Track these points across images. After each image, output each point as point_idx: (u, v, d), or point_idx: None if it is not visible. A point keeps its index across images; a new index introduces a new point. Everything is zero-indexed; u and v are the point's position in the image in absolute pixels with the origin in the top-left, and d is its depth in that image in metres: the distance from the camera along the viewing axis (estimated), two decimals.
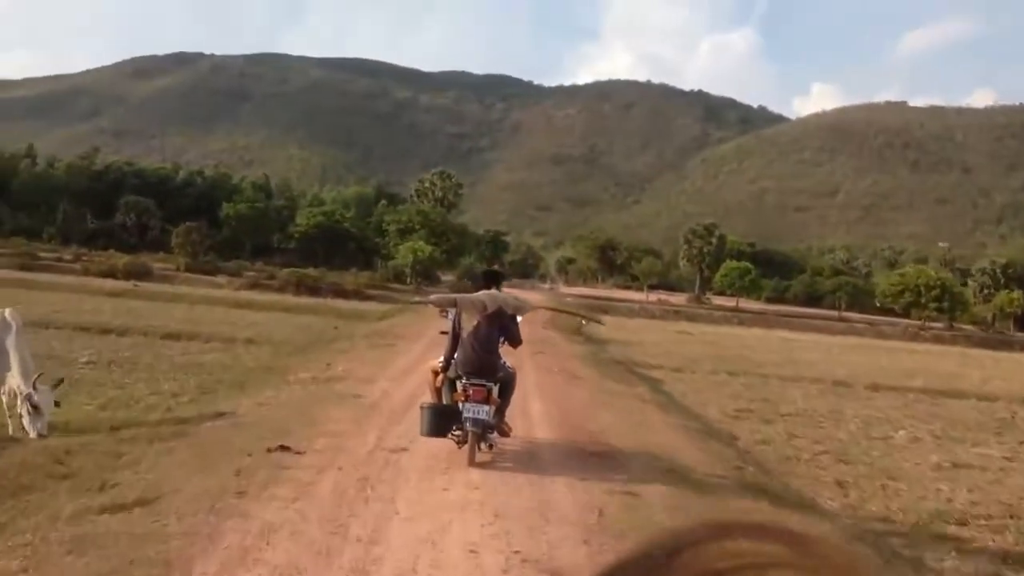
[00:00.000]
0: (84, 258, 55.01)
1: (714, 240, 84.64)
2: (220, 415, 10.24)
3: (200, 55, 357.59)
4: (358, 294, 45.22)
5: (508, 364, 8.80)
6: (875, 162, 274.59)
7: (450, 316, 8.89)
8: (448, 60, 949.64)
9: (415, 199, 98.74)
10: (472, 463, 8.05)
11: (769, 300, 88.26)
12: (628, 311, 54.48)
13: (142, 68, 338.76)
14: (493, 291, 8.81)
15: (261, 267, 66.77)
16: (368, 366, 15.73)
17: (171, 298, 33.06)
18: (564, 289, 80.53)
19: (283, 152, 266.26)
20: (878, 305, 78.13)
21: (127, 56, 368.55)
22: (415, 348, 19.11)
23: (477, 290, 9.11)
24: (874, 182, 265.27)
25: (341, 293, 44.48)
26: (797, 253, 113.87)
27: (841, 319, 70.32)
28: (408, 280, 61.45)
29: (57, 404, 9.52)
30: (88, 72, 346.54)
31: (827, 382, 23.06)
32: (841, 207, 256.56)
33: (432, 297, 10.40)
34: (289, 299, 38.37)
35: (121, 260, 48.33)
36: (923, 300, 70.01)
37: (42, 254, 55.03)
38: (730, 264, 77.87)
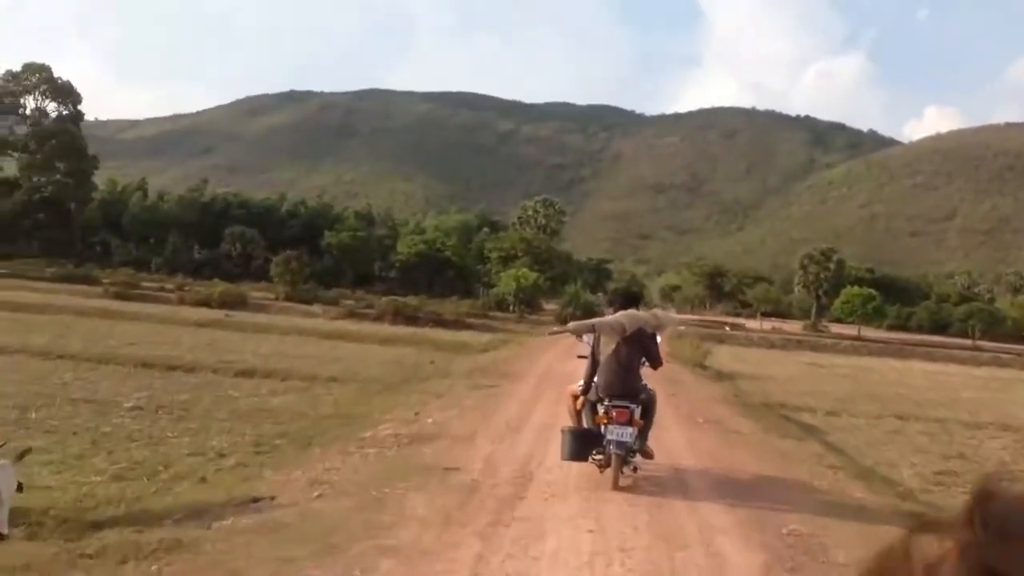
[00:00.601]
0: (185, 287, 53.80)
1: (832, 265, 79.28)
2: (255, 501, 7.09)
3: (310, 93, 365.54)
4: (458, 323, 42.19)
5: (649, 386, 8.62)
6: (995, 185, 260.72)
7: (587, 340, 8.67)
8: (550, 92, 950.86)
9: (517, 227, 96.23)
10: (616, 487, 7.86)
11: (891, 328, 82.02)
12: (746, 340, 50.09)
13: (255, 107, 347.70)
14: (632, 311, 8.56)
15: (362, 296, 64.85)
16: (466, 416, 12.44)
17: (261, 328, 30.63)
18: (676, 314, 76.38)
19: (388, 185, 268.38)
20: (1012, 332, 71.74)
21: (241, 96, 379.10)
22: (522, 390, 15.86)
23: (613, 312, 8.84)
24: (994, 206, 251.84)
25: (440, 322, 41.55)
26: (919, 279, 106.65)
27: (976, 348, 64.30)
28: (511, 308, 58.37)
29: (20, 488, 6.56)
30: (204, 112, 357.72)
31: (1021, 430, 18.79)
32: (959, 231, 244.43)
33: (571, 325, 9.48)
34: (385, 329, 35.61)
35: (217, 289, 46.48)
36: None
37: (145, 284, 53.88)
38: (852, 290, 72.41)
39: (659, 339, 8.66)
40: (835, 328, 76.65)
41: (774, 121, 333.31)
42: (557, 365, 20.22)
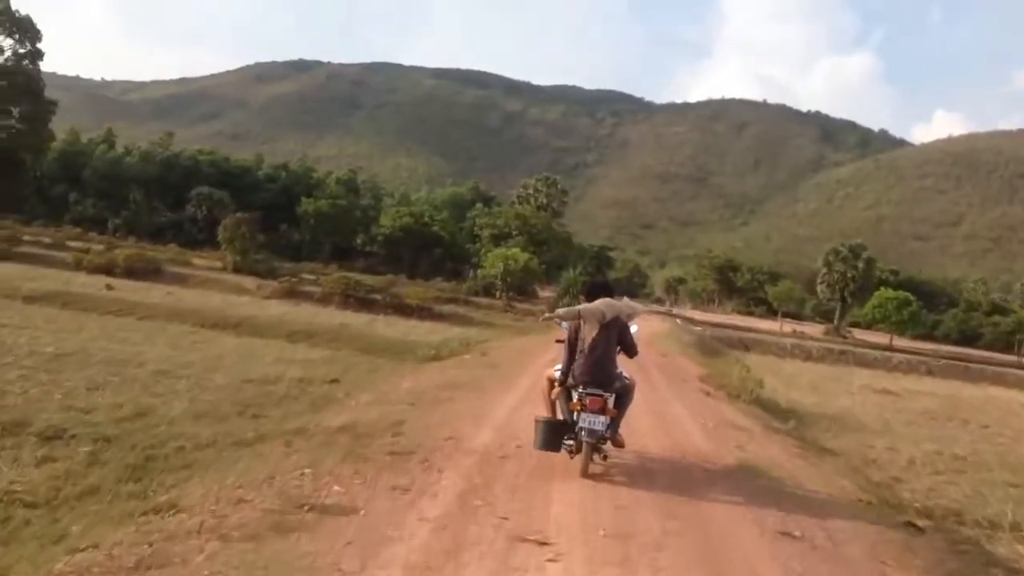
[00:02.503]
0: (119, 246, 44.30)
1: (860, 264, 69.51)
2: None
3: (318, 63, 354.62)
4: (423, 312, 32.58)
5: (625, 375, 8.25)
6: (1005, 192, 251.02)
7: (565, 326, 8.30)
8: (560, 74, 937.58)
9: (517, 205, 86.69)
10: (585, 474, 7.62)
11: (916, 337, 72.42)
12: (777, 348, 40.60)
13: (262, 73, 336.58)
14: (608, 299, 8.22)
15: (332, 271, 55.40)
16: None
17: (125, 309, 21.13)
18: (688, 312, 66.21)
19: (391, 160, 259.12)
20: None
21: (251, 62, 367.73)
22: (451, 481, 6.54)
23: (587, 301, 8.33)
24: (1003, 213, 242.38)
25: (401, 309, 32.03)
26: (946, 284, 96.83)
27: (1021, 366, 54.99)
28: (498, 294, 48.91)
29: None
30: (211, 76, 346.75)
31: None
32: (965, 238, 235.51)
33: (559, 311, 8.61)
34: (320, 316, 26.18)
35: (123, 253, 36.75)
36: None
37: (45, 241, 44.35)
38: (885, 293, 62.65)
39: (633, 328, 8.41)
40: (858, 334, 67.33)
41: (784, 115, 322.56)
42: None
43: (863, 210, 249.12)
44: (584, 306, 8.28)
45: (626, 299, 10.03)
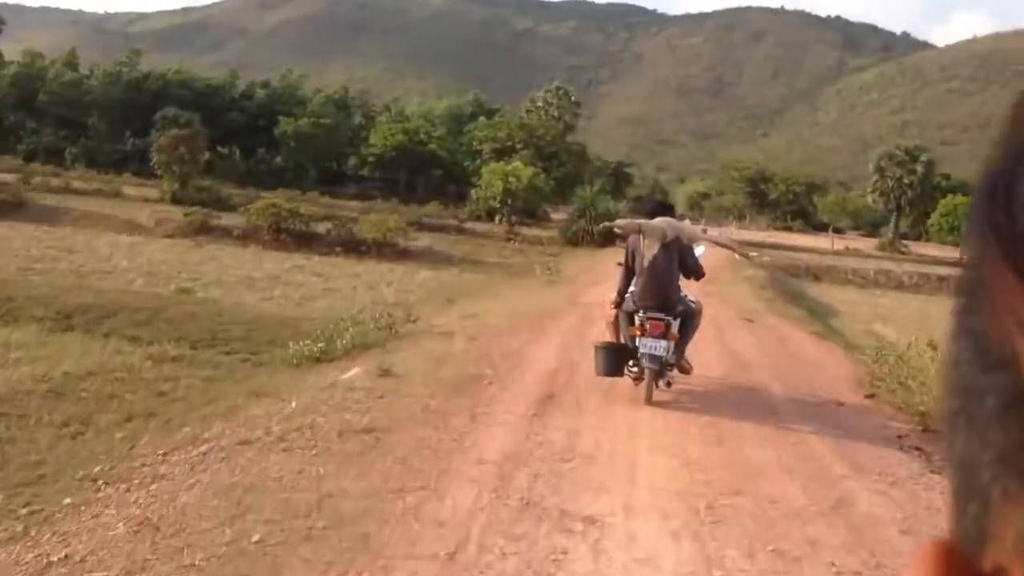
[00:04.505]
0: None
1: (919, 168, 59.00)
2: None
3: None
4: (386, 248, 22.98)
5: (690, 298, 7.72)
6: None
7: (624, 245, 7.99)
8: None
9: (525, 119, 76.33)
10: (649, 401, 7.09)
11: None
12: (856, 277, 30.81)
13: (267, 0, 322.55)
14: (669, 219, 7.73)
15: (297, 198, 45.92)
16: None
17: None
18: (734, 233, 55.90)
19: (401, 84, 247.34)
20: None
21: None
22: None
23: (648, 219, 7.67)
24: None
25: (355, 246, 22.50)
26: None
27: None
28: (498, 219, 39.22)
29: None
30: (215, 4, 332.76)
31: None
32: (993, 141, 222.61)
33: (619, 221, 8.23)
34: (158, 277, 16.70)
35: None
36: None
37: None
38: (954, 200, 52.27)
39: (698, 250, 8.01)
40: (917, 248, 57.44)
41: (803, 21, 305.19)
42: None
43: (887, 115, 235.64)
44: (646, 221, 7.71)
45: (686, 222, 9.32)
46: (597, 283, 15.60)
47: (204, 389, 7.96)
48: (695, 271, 7.62)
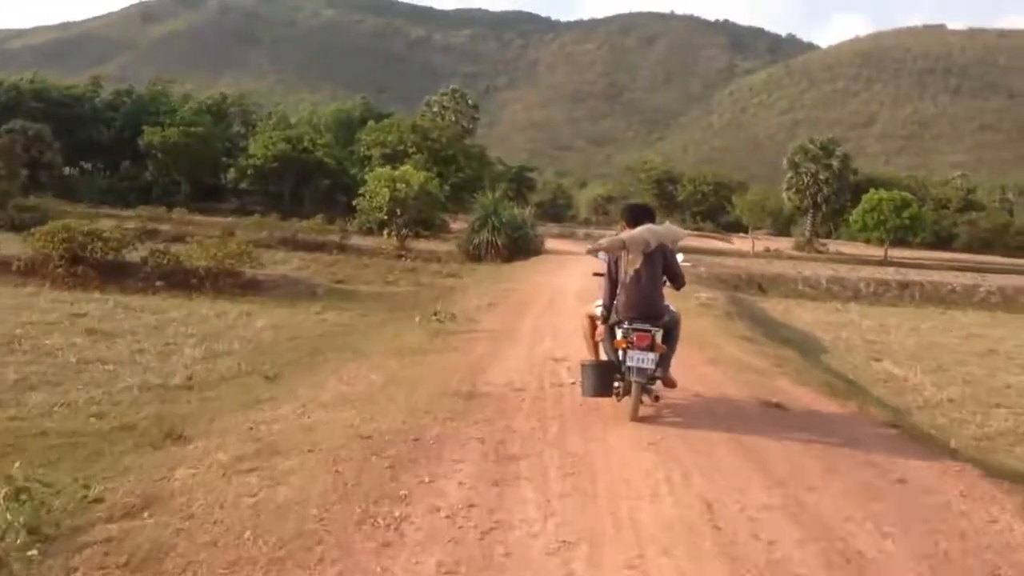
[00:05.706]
0: None
1: (834, 163, 55.78)
2: None
3: None
4: (227, 278, 17.18)
5: (672, 307, 7.20)
6: (914, 90, 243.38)
7: (602, 258, 7.19)
8: None
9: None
10: (635, 417, 6.62)
11: (896, 244, 59.61)
12: (805, 286, 26.38)
13: (149, 12, 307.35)
14: (650, 226, 7.09)
15: (162, 215, 39.61)
16: None
17: None
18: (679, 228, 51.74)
19: (294, 96, 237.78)
20: None
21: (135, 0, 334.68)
22: None
23: (622, 229, 7.22)
24: (914, 110, 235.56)
25: (184, 279, 16.67)
26: (910, 180, 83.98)
27: None
28: (387, 232, 33.54)
29: None
30: (96, 19, 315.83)
31: None
32: (879, 137, 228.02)
33: (603, 242, 7.35)
34: None
35: None
36: None
37: None
38: (877, 195, 48.89)
39: (679, 256, 7.34)
40: (837, 247, 54.26)
41: (693, 26, 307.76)
42: None
43: (778, 116, 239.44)
44: (627, 234, 7.21)
45: (667, 223, 8.35)
46: (515, 336, 10.39)
47: None
48: (680, 277, 7.18)
